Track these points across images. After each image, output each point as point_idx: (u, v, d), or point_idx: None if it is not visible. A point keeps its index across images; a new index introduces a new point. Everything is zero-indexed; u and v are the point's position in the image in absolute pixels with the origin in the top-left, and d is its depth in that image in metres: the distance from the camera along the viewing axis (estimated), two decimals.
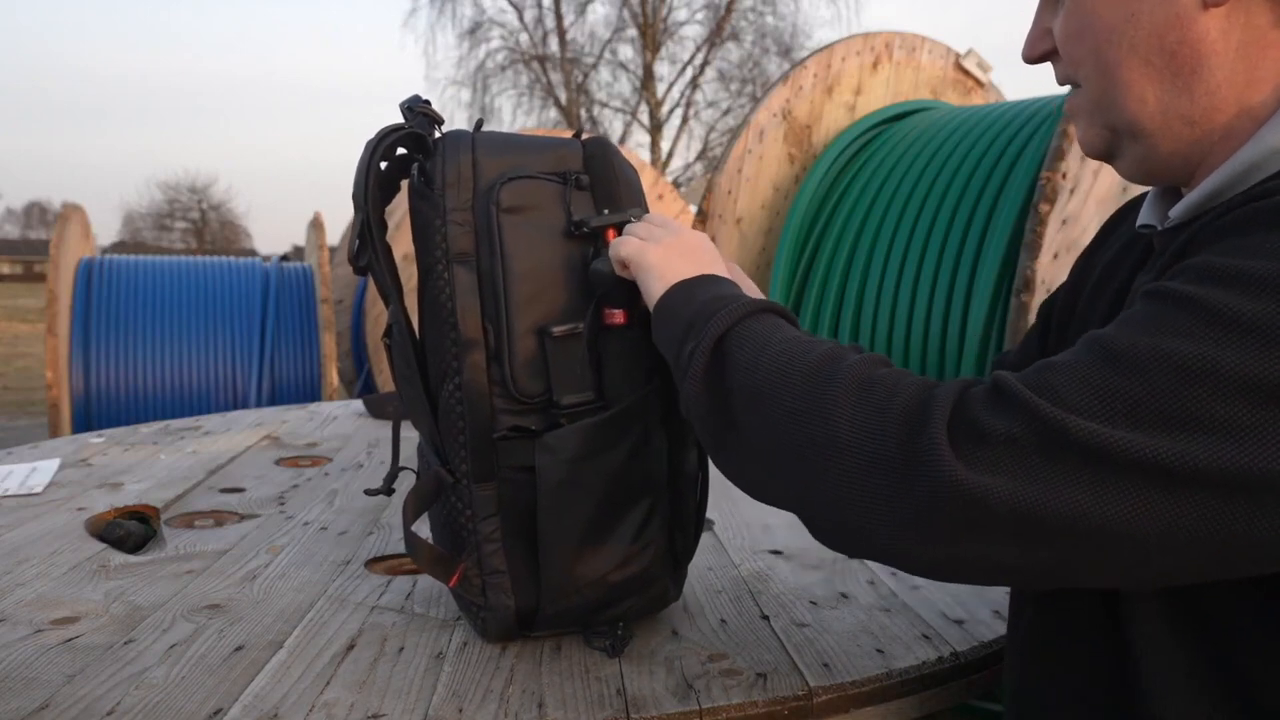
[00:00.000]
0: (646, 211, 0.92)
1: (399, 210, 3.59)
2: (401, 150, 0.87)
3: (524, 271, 0.84)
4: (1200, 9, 0.67)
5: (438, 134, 0.87)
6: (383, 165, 0.85)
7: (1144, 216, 0.79)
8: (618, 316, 0.87)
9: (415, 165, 0.88)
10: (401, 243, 3.06)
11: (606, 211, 0.89)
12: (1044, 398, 0.58)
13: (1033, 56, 0.78)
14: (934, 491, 0.58)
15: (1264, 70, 0.68)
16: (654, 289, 0.82)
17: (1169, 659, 0.67)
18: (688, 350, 0.75)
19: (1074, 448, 0.56)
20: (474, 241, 0.85)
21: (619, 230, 0.88)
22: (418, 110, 0.87)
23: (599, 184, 0.88)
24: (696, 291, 0.80)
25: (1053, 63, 0.78)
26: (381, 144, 0.85)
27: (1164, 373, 0.56)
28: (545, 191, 0.86)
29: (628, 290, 0.86)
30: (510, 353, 0.84)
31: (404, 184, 0.90)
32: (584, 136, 0.91)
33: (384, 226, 0.87)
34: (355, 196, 0.85)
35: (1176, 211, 0.72)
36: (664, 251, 0.84)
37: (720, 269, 0.85)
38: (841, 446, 0.63)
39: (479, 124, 0.90)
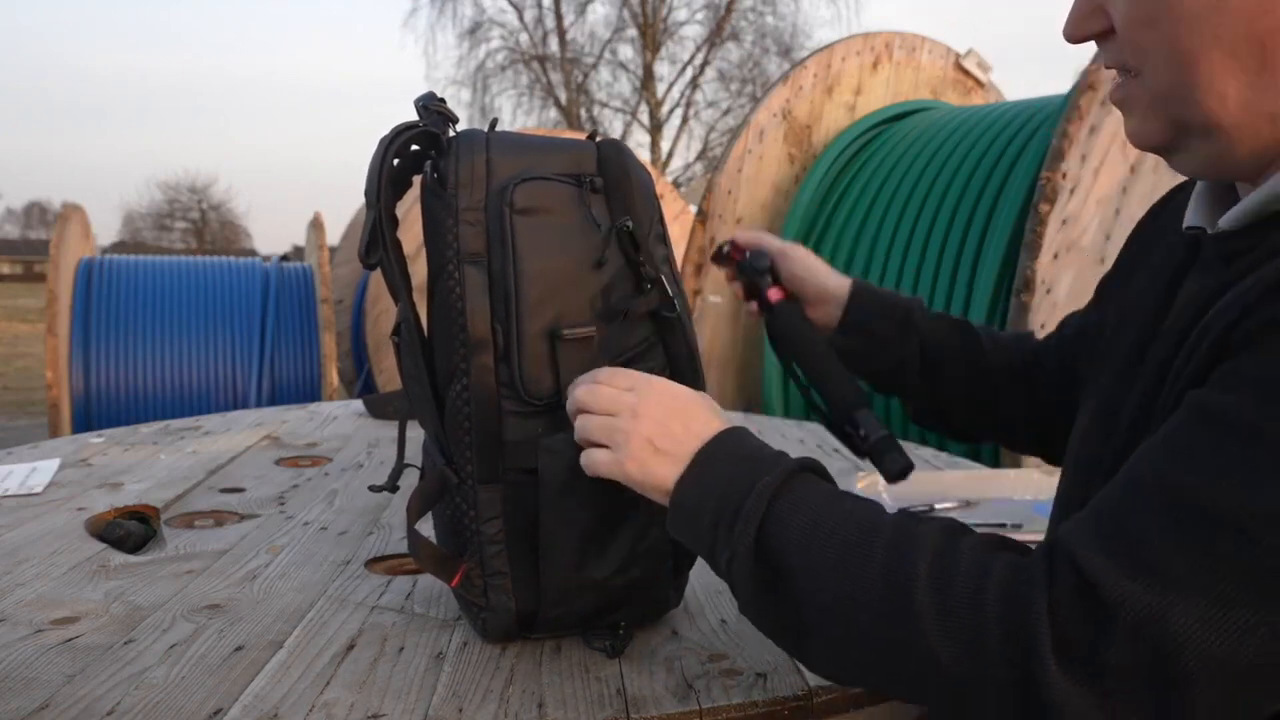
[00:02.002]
0: (660, 219, 0.91)
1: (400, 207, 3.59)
2: (415, 148, 0.87)
3: (535, 273, 0.84)
4: None
5: (451, 133, 0.87)
6: (395, 162, 0.85)
7: (1191, 217, 0.74)
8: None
9: (428, 163, 0.88)
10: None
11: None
12: (1143, 586, 0.54)
13: (1078, 36, 0.70)
14: None
15: None
16: (656, 499, 0.77)
17: None
18: (723, 558, 0.70)
19: (1188, 660, 0.53)
20: (486, 242, 0.85)
21: None
22: (432, 108, 0.87)
23: (613, 187, 0.88)
24: (705, 484, 0.73)
25: (1100, 43, 0.70)
26: (395, 141, 0.85)
27: (1263, 527, 0.53)
28: (559, 193, 0.86)
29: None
30: (519, 354, 0.84)
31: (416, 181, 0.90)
32: (598, 138, 0.91)
33: (395, 223, 0.87)
34: (367, 193, 0.85)
35: (1229, 219, 0.67)
36: (638, 454, 0.75)
37: (705, 418, 0.77)
38: (948, 682, 0.60)
39: (493, 123, 0.90)
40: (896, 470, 1.01)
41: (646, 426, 0.76)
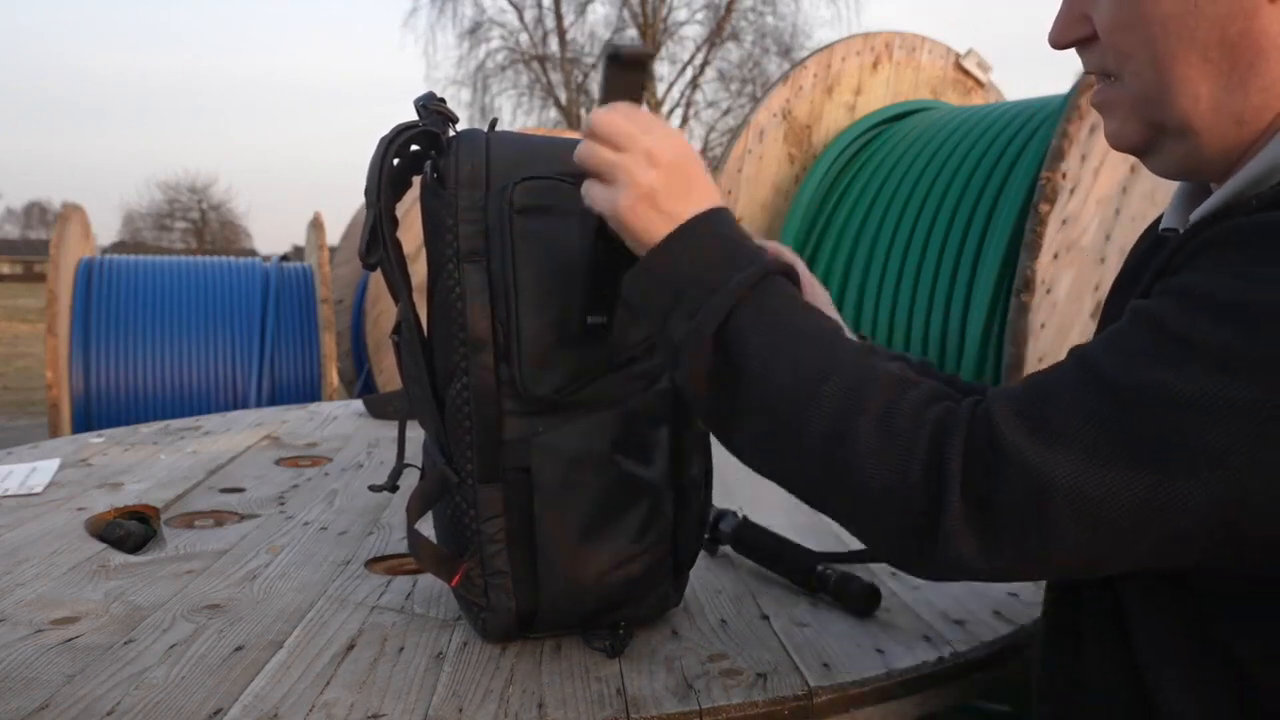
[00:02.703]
0: None
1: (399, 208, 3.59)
2: (415, 147, 0.87)
3: (535, 272, 0.84)
4: (1266, 1, 0.65)
5: (451, 132, 0.87)
6: (395, 162, 0.85)
7: (1168, 219, 0.77)
8: None
9: (428, 163, 0.88)
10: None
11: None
12: (1037, 437, 0.60)
13: (1063, 42, 0.74)
14: (947, 563, 0.63)
15: None
16: (632, 246, 0.76)
17: (1163, 646, 0.68)
18: (679, 331, 0.71)
19: (1065, 498, 0.59)
20: (485, 241, 0.85)
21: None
22: (432, 108, 0.87)
23: None
24: (684, 255, 0.73)
25: (1082, 50, 0.74)
26: (395, 141, 0.85)
27: (1155, 407, 0.58)
28: (559, 193, 0.86)
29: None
30: (519, 354, 0.84)
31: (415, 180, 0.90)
32: None
33: (395, 223, 0.87)
34: (367, 192, 0.85)
35: (1197, 214, 0.70)
36: (636, 200, 0.74)
37: (705, 188, 0.77)
38: (862, 497, 0.65)
39: (493, 123, 0.90)
40: (867, 598, 1.00)
41: (653, 177, 0.75)
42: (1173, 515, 0.58)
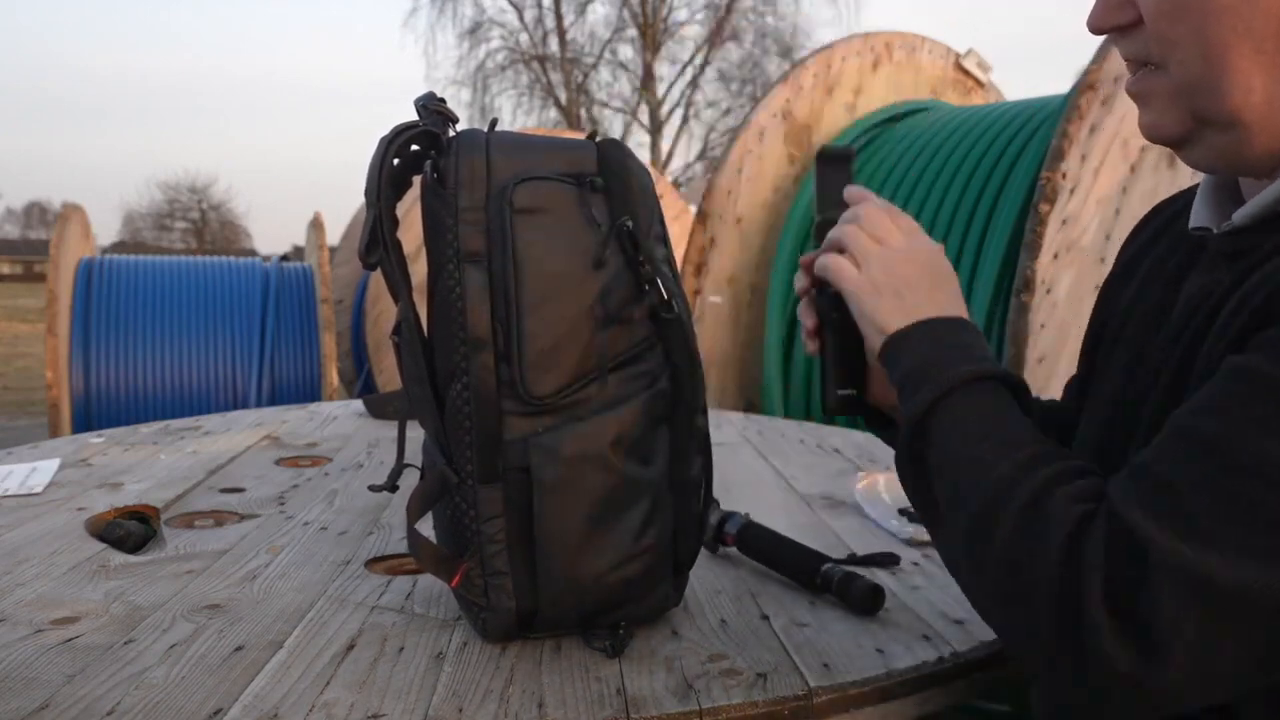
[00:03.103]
0: (660, 219, 0.91)
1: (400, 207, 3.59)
2: (415, 147, 0.87)
3: (535, 273, 0.84)
4: None
5: (452, 132, 0.87)
6: (395, 162, 0.85)
7: (1197, 218, 0.75)
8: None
9: (428, 163, 0.88)
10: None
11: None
12: (1180, 534, 0.56)
13: (1104, 27, 0.71)
14: (1105, 681, 0.59)
15: None
16: (869, 335, 0.81)
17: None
18: (904, 409, 0.75)
19: (1228, 601, 0.56)
20: (486, 241, 0.85)
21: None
22: (432, 108, 0.87)
23: (613, 187, 0.88)
24: (917, 346, 0.77)
25: (1121, 36, 0.71)
26: (395, 141, 0.85)
27: None
28: (559, 193, 0.86)
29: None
30: (520, 354, 0.84)
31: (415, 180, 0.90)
32: (598, 138, 0.91)
33: (395, 223, 0.87)
34: (367, 193, 0.85)
35: (1242, 215, 0.68)
36: (879, 291, 0.80)
37: (947, 296, 0.81)
38: (1003, 589, 0.64)
39: (493, 123, 0.90)
40: (871, 598, 0.99)
41: (906, 270, 0.80)
42: None
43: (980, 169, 3.10)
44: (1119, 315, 0.85)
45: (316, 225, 5.01)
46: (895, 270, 0.80)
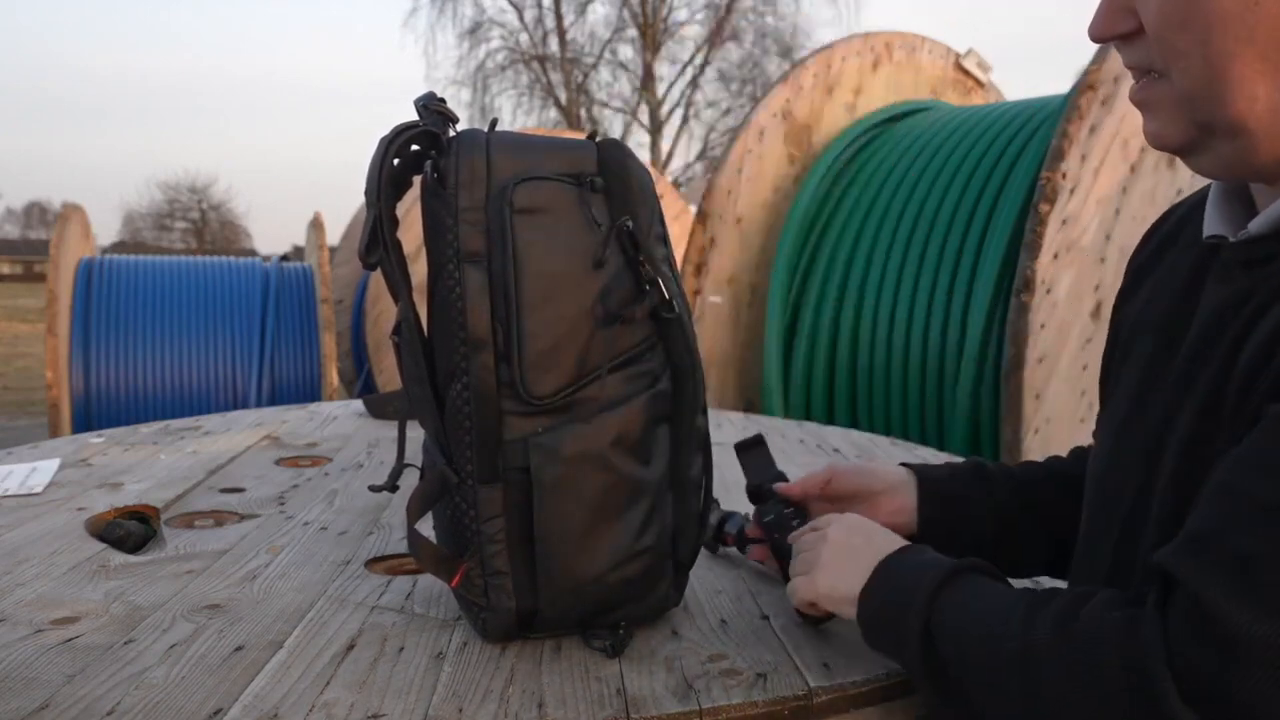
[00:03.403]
0: (660, 219, 0.91)
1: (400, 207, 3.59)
2: (415, 147, 0.87)
3: (535, 273, 0.84)
4: None
5: (452, 132, 0.87)
6: (395, 162, 0.85)
7: (1210, 227, 0.74)
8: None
9: (428, 163, 0.88)
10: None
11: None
12: (1249, 604, 0.55)
13: (1106, 36, 0.71)
14: None
15: None
16: (844, 612, 0.85)
17: None
18: (905, 648, 0.77)
19: None
20: (486, 241, 0.85)
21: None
22: (432, 108, 0.87)
23: (613, 187, 0.88)
24: (875, 597, 0.81)
25: (1124, 45, 0.71)
26: (395, 141, 0.85)
27: None
28: (559, 194, 0.86)
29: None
30: (520, 354, 0.84)
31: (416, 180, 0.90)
32: (598, 138, 0.91)
33: (395, 223, 0.87)
34: (368, 192, 0.85)
35: (1259, 224, 0.68)
36: (824, 571, 0.85)
37: (884, 538, 0.86)
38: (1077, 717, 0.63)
39: (493, 123, 0.90)
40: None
41: (831, 549, 0.87)
42: None
43: (980, 169, 3.10)
44: (1128, 328, 0.84)
45: (316, 225, 5.02)
46: (825, 552, 0.87)
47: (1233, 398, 0.66)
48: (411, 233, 1.02)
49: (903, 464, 1.06)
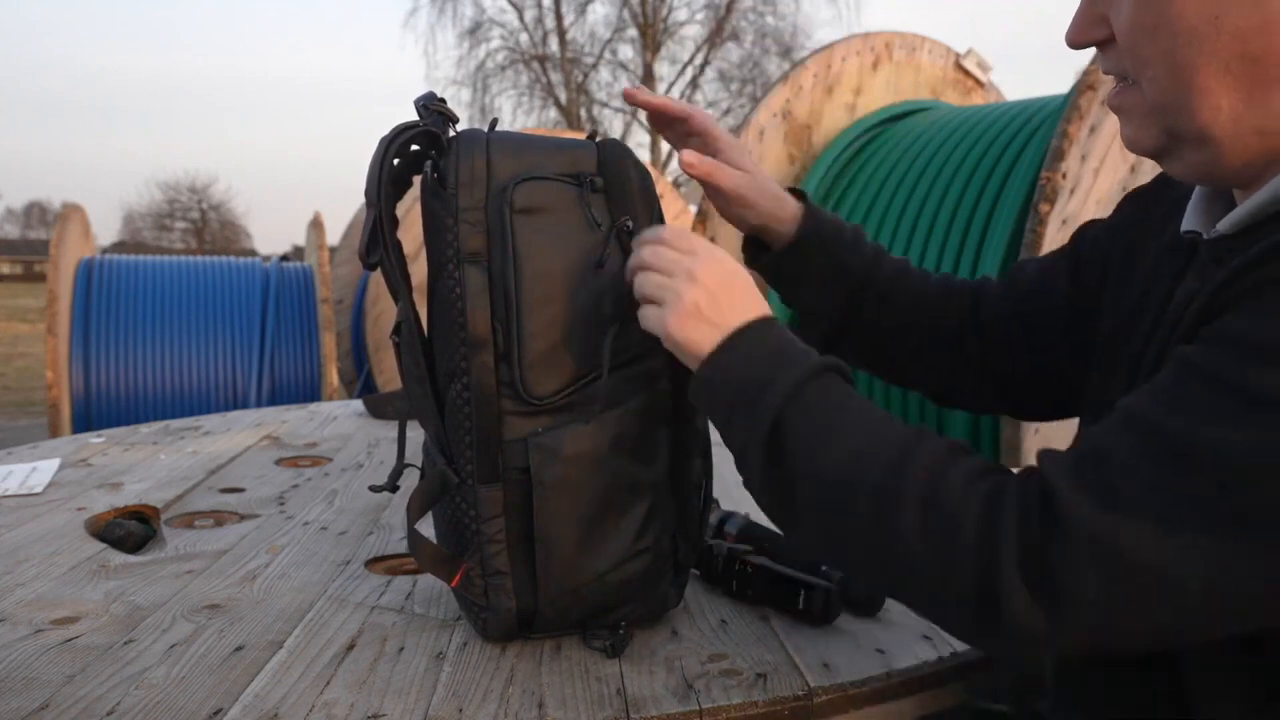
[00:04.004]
0: (660, 219, 0.91)
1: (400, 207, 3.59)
2: (415, 147, 0.87)
3: (536, 273, 0.84)
4: None
5: (452, 132, 0.87)
6: (395, 162, 0.85)
7: (1189, 221, 0.76)
8: None
9: (428, 163, 0.88)
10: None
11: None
12: (1103, 506, 0.58)
13: (1081, 42, 0.74)
14: (1017, 642, 0.61)
15: None
16: (686, 361, 0.80)
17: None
18: (739, 438, 0.75)
19: (1140, 573, 0.58)
20: (486, 241, 0.85)
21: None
22: (433, 108, 0.87)
23: (614, 187, 0.88)
24: (734, 365, 0.77)
25: (1100, 50, 0.73)
26: (395, 141, 0.85)
27: (1225, 469, 0.56)
28: (559, 193, 0.86)
29: None
30: (520, 354, 0.84)
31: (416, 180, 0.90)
32: (598, 138, 0.91)
33: (395, 223, 0.87)
34: (368, 192, 0.85)
35: (1227, 223, 0.69)
36: (683, 316, 0.79)
37: (751, 299, 0.80)
38: (918, 578, 0.65)
39: (493, 123, 0.90)
40: (871, 597, 0.99)
41: (698, 293, 0.79)
42: (1245, 579, 0.57)
43: (980, 169, 3.10)
44: (1115, 313, 0.86)
45: (316, 225, 5.01)
46: (691, 295, 0.79)
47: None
48: (411, 233, 1.02)
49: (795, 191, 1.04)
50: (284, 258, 5.34)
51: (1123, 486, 0.59)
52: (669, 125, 1.03)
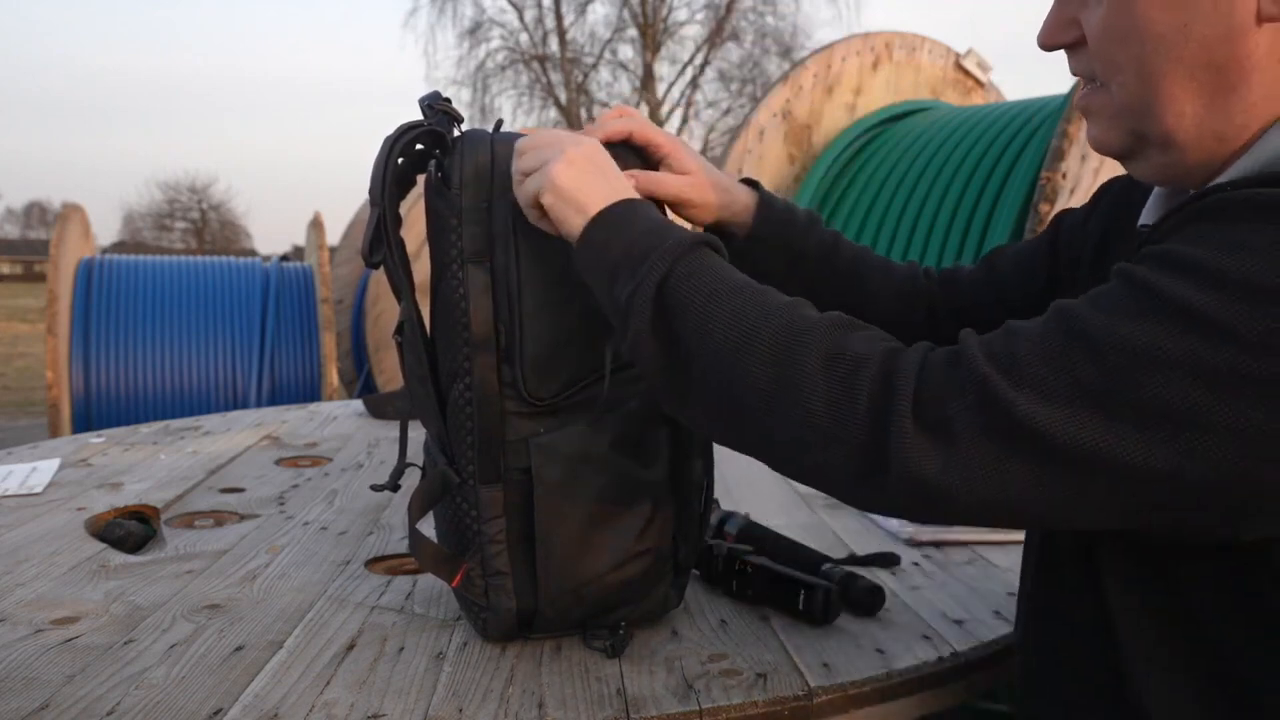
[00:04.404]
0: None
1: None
2: (420, 147, 0.87)
3: (539, 274, 0.84)
4: (1254, 24, 0.66)
5: (456, 132, 0.87)
6: (400, 161, 0.85)
7: (1146, 215, 0.79)
8: None
9: (433, 162, 0.88)
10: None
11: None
12: (1000, 368, 0.61)
13: (1052, 45, 0.76)
14: (900, 481, 0.63)
15: None
16: (574, 222, 0.79)
17: (1136, 617, 0.70)
18: (624, 294, 0.74)
19: (1020, 429, 0.60)
20: (489, 242, 0.85)
21: None
22: (437, 107, 0.87)
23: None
24: (621, 224, 0.78)
25: (1070, 53, 0.75)
26: (400, 140, 0.84)
27: (1118, 355, 0.59)
28: None
29: None
30: (522, 354, 0.84)
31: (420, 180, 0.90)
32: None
33: (399, 222, 0.87)
34: (372, 191, 0.85)
35: (1146, 216, 0.73)
36: (570, 171, 0.79)
37: (625, 184, 0.82)
38: (813, 427, 0.66)
39: (498, 124, 0.90)
40: (871, 598, 0.98)
41: (573, 166, 0.80)
42: (1121, 467, 0.59)
43: (980, 169, 3.10)
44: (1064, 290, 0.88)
45: (316, 225, 5.01)
46: (564, 168, 0.80)
47: None
48: (413, 231, 1.01)
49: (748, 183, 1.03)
50: (284, 258, 5.34)
51: (1023, 354, 0.61)
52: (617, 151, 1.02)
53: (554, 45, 22.62)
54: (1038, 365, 0.61)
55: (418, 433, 0.93)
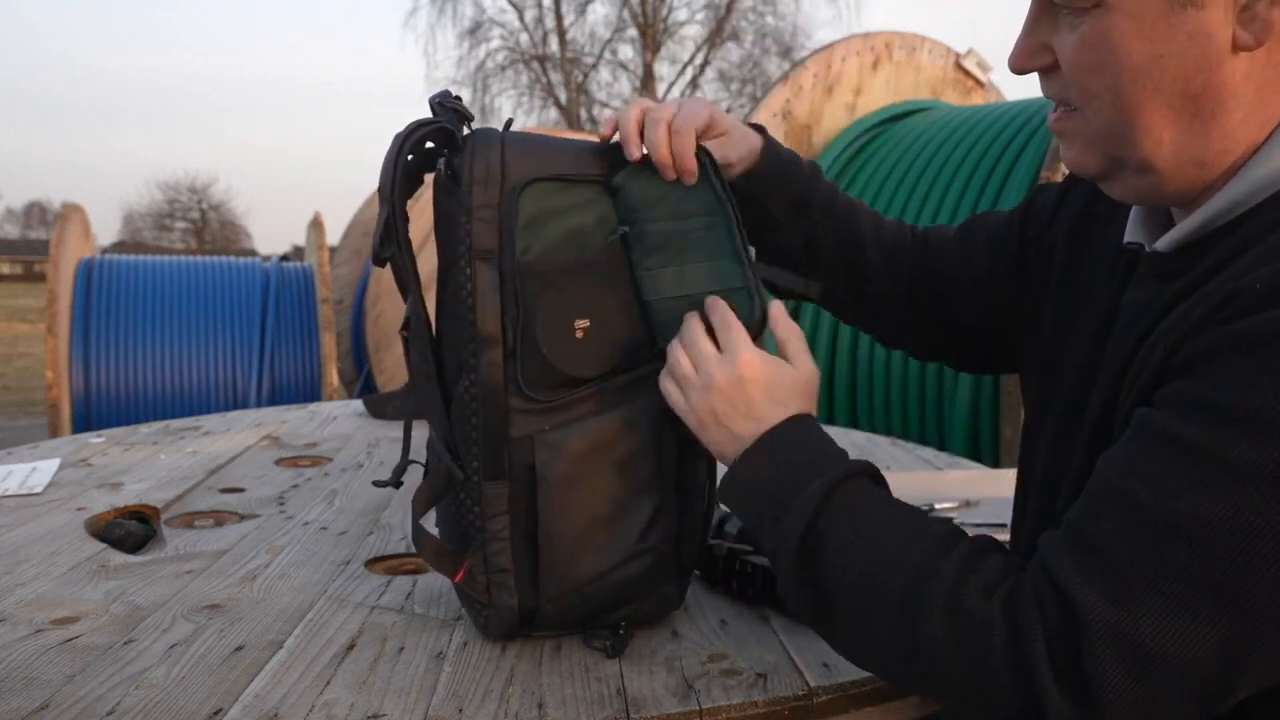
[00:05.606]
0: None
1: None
2: (429, 145, 0.87)
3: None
4: (1230, 53, 0.65)
5: (466, 130, 0.87)
6: (409, 159, 0.85)
7: (1131, 233, 0.78)
8: None
9: (442, 160, 0.88)
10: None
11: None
12: (1112, 601, 0.60)
13: (1024, 69, 0.75)
14: None
15: (1275, 108, 0.67)
16: (716, 456, 0.83)
17: None
18: (769, 545, 0.76)
19: (1156, 660, 0.59)
20: (498, 239, 0.85)
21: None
22: (448, 105, 0.87)
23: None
24: (758, 468, 0.79)
25: (1043, 76, 0.75)
26: (410, 137, 0.85)
27: (1221, 541, 0.58)
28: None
29: None
30: (528, 352, 0.84)
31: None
32: (613, 140, 0.91)
33: (408, 220, 0.87)
34: (381, 188, 0.85)
35: (1164, 243, 0.72)
36: (703, 420, 0.81)
37: (765, 407, 0.81)
38: (956, 689, 0.67)
39: (509, 123, 0.90)
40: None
41: (713, 399, 0.81)
42: (1258, 645, 0.58)
43: (980, 169, 3.11)
44: (1063, 311, 0.87)
45: (316, 225, 5.02)
46: (706, 401, 0.81)
47: (1124, 394, 0.71)
48: (416, 225, 1.01)
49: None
50: (284, 258, 5.35)
51: (1129, 577, 0.60)
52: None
53: (554, 45, 22.64)
54: (1148, 586, 0.60)
55: (420, 431, 0.93)
